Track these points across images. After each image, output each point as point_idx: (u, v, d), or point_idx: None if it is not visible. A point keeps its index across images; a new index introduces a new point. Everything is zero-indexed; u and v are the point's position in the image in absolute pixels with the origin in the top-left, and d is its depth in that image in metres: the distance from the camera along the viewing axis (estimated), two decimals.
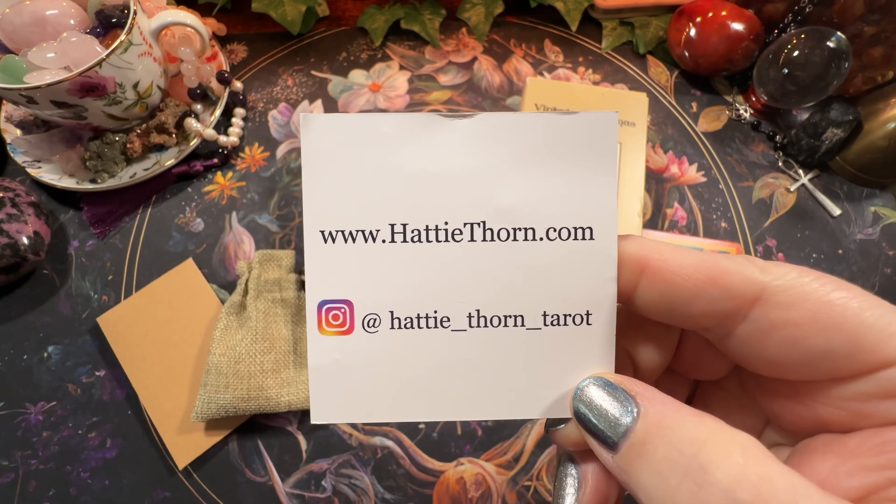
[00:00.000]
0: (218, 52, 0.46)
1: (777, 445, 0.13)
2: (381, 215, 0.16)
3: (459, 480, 0.35)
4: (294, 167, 0.44)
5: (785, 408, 0.13)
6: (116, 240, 0.41)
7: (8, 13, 0.37)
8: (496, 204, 0.16)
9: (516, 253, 0.16)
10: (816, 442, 0.12)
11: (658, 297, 0.13)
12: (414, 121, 0.15)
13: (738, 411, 0.14)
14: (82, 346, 0.37)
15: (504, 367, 0.16)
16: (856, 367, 0.11)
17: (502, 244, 0.16)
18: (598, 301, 0.15)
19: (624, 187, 0.36)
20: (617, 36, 0.52)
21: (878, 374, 0.11)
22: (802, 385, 0.12)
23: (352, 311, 0.16)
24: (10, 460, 0.34)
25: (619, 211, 0.36)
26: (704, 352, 0.14)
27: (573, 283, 0.15)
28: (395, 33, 0.51)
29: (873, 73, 0.45)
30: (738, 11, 0.46)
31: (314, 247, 0.16)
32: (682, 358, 0.15)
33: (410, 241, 0.16)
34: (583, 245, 0.16)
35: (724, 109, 0.49)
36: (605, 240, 0.15)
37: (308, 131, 0.15)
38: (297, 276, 0.37)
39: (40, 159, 0.41)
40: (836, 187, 0.46)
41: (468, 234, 0.16)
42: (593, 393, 0.13)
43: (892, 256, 0.43)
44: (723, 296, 0.12)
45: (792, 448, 0.12)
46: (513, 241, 0.16)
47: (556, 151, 0.16)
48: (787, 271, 0.12)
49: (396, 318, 0.16)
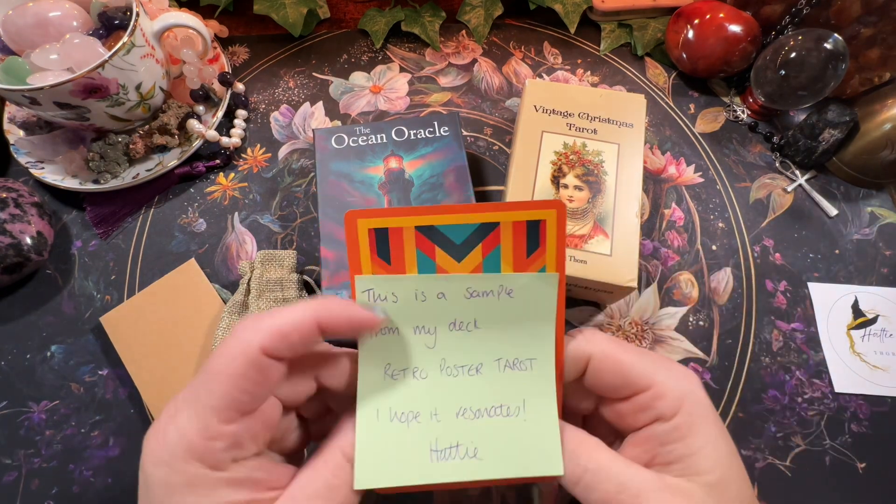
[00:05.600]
0: (220, 54, 0.47)
1: (618, 441, 0.23)
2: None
3: None
4: (295, 168, 0.44)
5: (614, 418, 0.22)
6: (119, 240, 0.41)
7: (11, 15, 0.37)
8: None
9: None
10: (630, 440, 0.22)
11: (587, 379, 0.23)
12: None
13: (602, 426, 0.24)
14: (85, 346, 0.38)
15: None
16: (626, 392, 0.21)
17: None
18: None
19: (622, 188, 0.37)
20: (615, 38, 0.52)
21: (636, 398, 0.21)
22: (613, 404, 0.22)
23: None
24: (14, 459, 0.35)
25: (618, 211, 0.36)
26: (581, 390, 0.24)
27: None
28: (395, 35, 0.52)
29: (870, 74, 0.45)
30: (736, 13, 0.46)
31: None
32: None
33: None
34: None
35: (722, 111, 0.50)
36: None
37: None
38: (299, 276, 0.38)
39: (43, 160, 0.41)
40: (832, 188, 0.46)
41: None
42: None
43: (888, 256, 0.44)
44: (573, 364, 0.22)
45: (622, 442, 0.22)
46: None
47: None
48: (601, 342, 0.22)
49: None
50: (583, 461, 0.20)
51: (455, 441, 0.22)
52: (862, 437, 0.37)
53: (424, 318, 0.22)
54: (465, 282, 0.22)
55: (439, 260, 0.22)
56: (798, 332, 0.41)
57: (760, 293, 0.42)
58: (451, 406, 0.22)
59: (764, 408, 0.38)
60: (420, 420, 0.22)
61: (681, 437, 0.20)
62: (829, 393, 0.39)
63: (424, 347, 0.22)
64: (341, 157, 0.38)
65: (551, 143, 0.38)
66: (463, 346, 0.22)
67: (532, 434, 0.22)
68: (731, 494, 0.20)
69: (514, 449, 0.22)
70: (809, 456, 0.37)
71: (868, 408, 0.38)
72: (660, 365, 0.21)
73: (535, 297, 0.22)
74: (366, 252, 0.22)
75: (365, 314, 0.21)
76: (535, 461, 0.21)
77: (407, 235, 0.22)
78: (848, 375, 0.39)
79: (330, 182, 0.37)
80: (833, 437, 0.37)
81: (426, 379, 0.22)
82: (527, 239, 0.22)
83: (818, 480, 0.36)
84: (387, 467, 0.21)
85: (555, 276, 0.22)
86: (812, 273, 0.43)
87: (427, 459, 0.21)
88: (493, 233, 0.22)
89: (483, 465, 0.21)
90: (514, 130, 0.41)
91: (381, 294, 0.22)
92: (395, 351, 0.22)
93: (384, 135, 0.39)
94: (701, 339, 0.40)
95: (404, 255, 0.22)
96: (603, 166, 0.37)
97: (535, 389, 0.22)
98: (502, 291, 0.22)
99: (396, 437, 0.21)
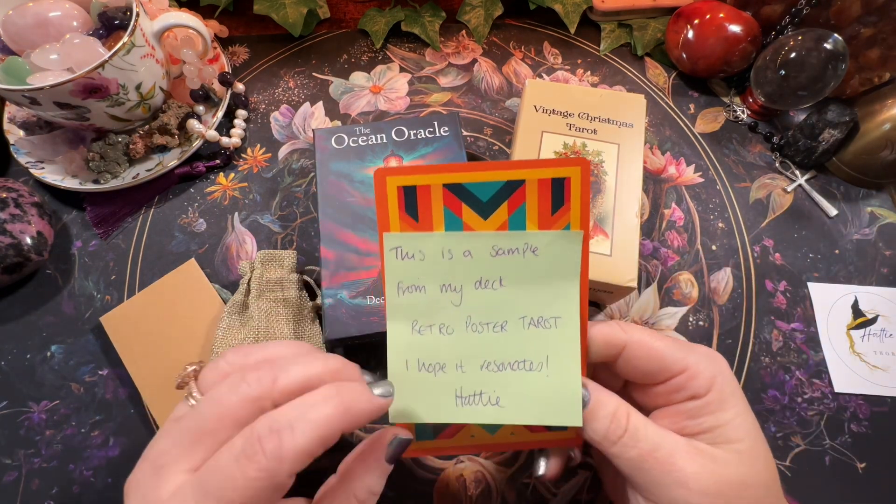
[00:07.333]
0: (220, 54, 0.47)
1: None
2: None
3: (459, 478, 0.35)
4: (295, 168, 0.44)
5: (641, 397, 0.25)
6: (119, 240, 0.41)
7: (11, 15, 0.37)
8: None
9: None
10: (656, 413, 0.24)
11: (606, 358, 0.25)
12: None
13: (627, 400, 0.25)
14: (85, 346, 0.38)
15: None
16: (662, 377, 0.23)
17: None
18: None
19: (622, 188, 0.37)
20: (615, 38, 0.52)
21: (672, 381, 0.23)
22: (645, 387, 0.24)
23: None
24: (14, 459, 0.35)
25: (618, 211, 0.36)
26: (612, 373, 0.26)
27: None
28: (395, 35, 0.52)
29: (870, 74, 0.45)
30: (736, 13, 0.46)
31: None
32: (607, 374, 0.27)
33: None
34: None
35: (722, 111, 0.50)
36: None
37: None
38: (299, 276, 0.38)
39: (43, 160, 0.41)
40: (832, 188, 0.46)
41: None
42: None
43: (888, 256, 0.44)
44: (608, 349, 0.24)
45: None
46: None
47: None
48: (635, 331, 0.23)
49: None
50: (622, 422, 0.22)
51: (479, 389, 0.23)
52: (862, 437, 0.37)
53: (451, 276, 0.23)
54: (492, 239, 0.22)
55: (466, 217, 0.22)
56: (798, 332, 0.41)
57: (760, 293, 0.42)
58: (475, 359, 0.23)
59: (764, 408, 0.38)
60: (446, 371, 0.23)
61: (711, 411, 0.22)
62: (829, 393, 0.39)
63: (451, 305, 0.23)
64: (341, 157, 0.38)
65: (551, 143, 0.38)
66: (488, 304, 0.23)
67: (554, 387, 0.23)
68: (760, 464, 0.21)
69: (536, 399, 0.23)
70: (809, 456, 0.37)
71: (868, 408, 0.38)
72: (689, 349, 0.23)
73: (560, 255, 0.22)
74: (394, 209, 0.22)
75: (385, 403, 0.21)
76: (556, 411, 0.23)
77: (434, 193, 0.22)
78: (848, 375, 0.39)
79: (330, 182, 0.37)
80: (833, 437, 0.37)
81: (452, 335, 0.23)
82: (552, 196, 0.22)
83: (818, 480, 0.36)
84: (416, 408, 0.23)
85: (579, 234, 0.22)
86: (812, 273, 0.43)
87: (453, 404, 0.23)
88: (519, 190, 0.22)
89: (504, 411, 0.23)
90: (513, 130, 0.41)
91: (408, 252, 0.22)
92: (421, 308, 0.23)
93: (384, 135, 0.39)
94: (701, 339, 0.40)
95: (432, 213, 0.22)
96: (603, 166, 0.37)
97: (559, 346, 0.23)
98: (527, 249, 0.22)
99: (425, 385, 0.23)
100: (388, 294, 0.23)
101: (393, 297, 0.23)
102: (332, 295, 0.34)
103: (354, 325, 0.33)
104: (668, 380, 0.23)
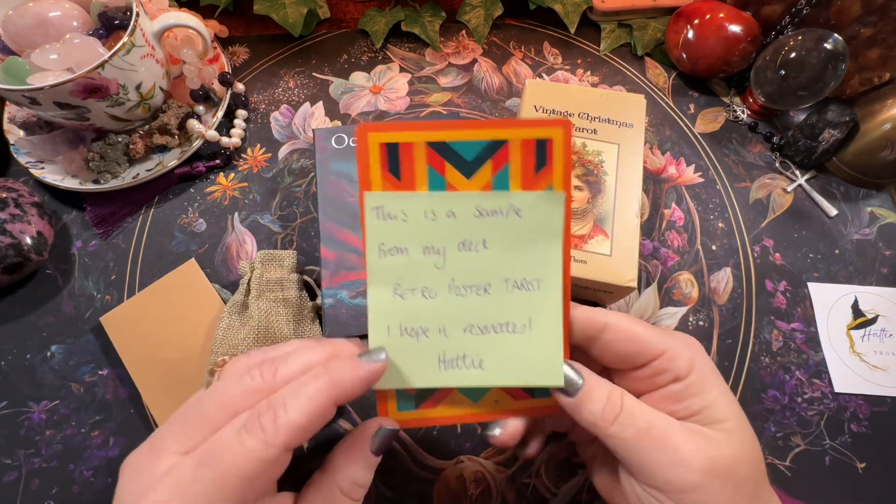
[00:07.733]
0: (220, 54, 0.47)
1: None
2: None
3: (459, 478, 0.35)
4: (295, 168, 0.44)
5: (621, 384, 0.24)
6: (119, 240, 0.41)
7: (11, 15, 0.37)
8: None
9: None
10: (643, 398, 0.23)
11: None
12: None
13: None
14: (85, 346, 0.38)
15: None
16: (642, 360, 0.23)
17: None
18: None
19: (622, 188, 0.37)
20: (615, 38, 0.52)
21: (652, 364, 0.23)
22: (625, 372, 0.25)
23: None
24: (14, 459, 0.35)
25: (618, 212, 0.36)
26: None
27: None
28: (395, 35, 0.52)
29: (870, 74, 0.45)
30: (736, 13, 0.46)
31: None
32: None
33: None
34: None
35: (722, 111, 0.50)
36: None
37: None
38: (299, 276, 0.38)
39: (43, 160, 0.41)
40: (832, 188, 0.46)
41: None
42: (566, 370, 0.23)
43: (888, 256, 0.44)
44: (589, 327, 0.24)
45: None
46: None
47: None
48: (615, 314, 0.23)
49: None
50: (617, 402, 0.22)
51: (462, 353, 0.23)
52: (862, 437, 0.37)
53: (434, 237, 0.22)
54: (475, 199, 0.22)
55: (449, 176, 0.22)
56: (798, 332, 0.41)
57: (760, 293, 0.42)
58: (458, 323, 0.23)
59: (764, 408, 0.38)
60: (429, 335, 0.23)
61: (695, 392, 0.22)
62: (829, 393, 0.39)
63: (433, 268, 0.22)
64: (341, 157, 0.38)
65: None
66: (472, 266, 0.23)
67: (536, 348, 0.23)
68: (747, 442, 0.22)
69: (518, 361, 0.23)
70: (809, 456, 0.37)
71: (868, 408, 0.38)
72: (667, 333, 0.24)
73: (542, 215, 0.22)
74: (376, 167, 0.22)
75: (373, 367, 0.21)
76: (538, 372, 0.23)
77: (418, 151, 0.22)
78: (848, 375, 0.39)
79: (330, 182, 0.37)
80: (833, 437, 0.37)
81: (435, 298, 0.23)
82: (535, 157, 0.22)
83: (818, 480, 0.36)
84: (400, 373, 0.23)
85: (562, 195, 0.22)
86: (812, 273, 0.43)
87: (436, 368, 0.23)
88: (502, 150, 0.22)
89: (487, 374, 0.23)
90: None
91: (390, 212, 0.22)
92: (404, 272, 0.22)
93: None
94: (701, 339, 0.40)
95: (415, 171, 0.22)
96: (603, 166, 0.37)
97: (542, 308, 0.23)
98: (511, 211, 0.22)
99: (407, 350, 0.22)
100: (368, 257, 0.22)
101: (374, 259, 0.22)
102: (332, 295, 0.34)
103: (354, 325, 0.33)
104: (649, 363, 0.23)
